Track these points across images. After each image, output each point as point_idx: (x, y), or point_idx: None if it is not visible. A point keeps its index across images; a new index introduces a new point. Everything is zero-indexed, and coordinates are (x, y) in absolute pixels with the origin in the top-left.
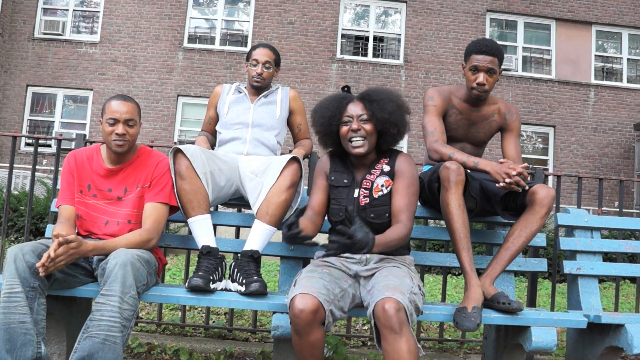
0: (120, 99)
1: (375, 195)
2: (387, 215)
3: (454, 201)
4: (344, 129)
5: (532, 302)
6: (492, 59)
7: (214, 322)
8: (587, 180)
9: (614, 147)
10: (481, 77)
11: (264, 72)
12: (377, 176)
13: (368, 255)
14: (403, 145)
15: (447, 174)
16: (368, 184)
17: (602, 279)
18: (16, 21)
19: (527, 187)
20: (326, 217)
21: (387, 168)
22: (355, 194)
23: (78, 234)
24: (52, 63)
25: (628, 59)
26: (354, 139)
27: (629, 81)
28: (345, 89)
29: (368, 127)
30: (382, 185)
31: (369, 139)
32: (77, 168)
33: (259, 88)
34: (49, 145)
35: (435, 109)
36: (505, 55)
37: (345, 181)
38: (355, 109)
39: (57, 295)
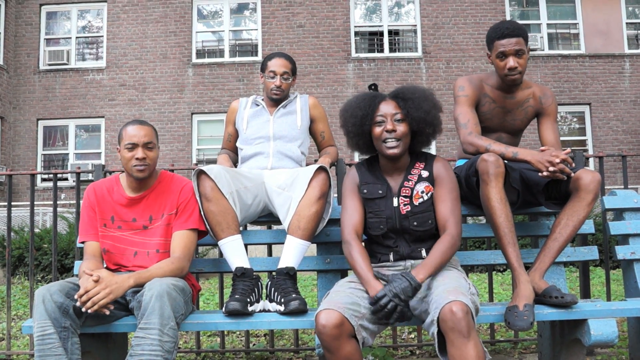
0: (136, 123)
1: (416, 203)
2: (429, 222)
3: (495, 195)
4: (377, 129)
5: (586, 294)
6: (518, 40)
7: (254, 344)
8: (632, 158)
9: None
10: (511, 62)
11: (283, 83)
12: (415, 182)
13: (413, 262)
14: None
15: (486, 167)
16: (407, 191)
17: None
18: (20, 55)
19: (572, 174)
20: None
21: (425, 173)
22: (395, 203)
23: (107, 268)
24: (61, 94)
25: None
26: (389, 140)
27: None
28: (373, 87)
29: (403, 127)
30: (423, 192)
31: (404, 139)
32: (97, 201)
33: (278, 100)
34: (66, 179)
35: (466, 99)
36: (529, 34)
37: (380, 192)
38: (388, 108)
39: (93, 332)
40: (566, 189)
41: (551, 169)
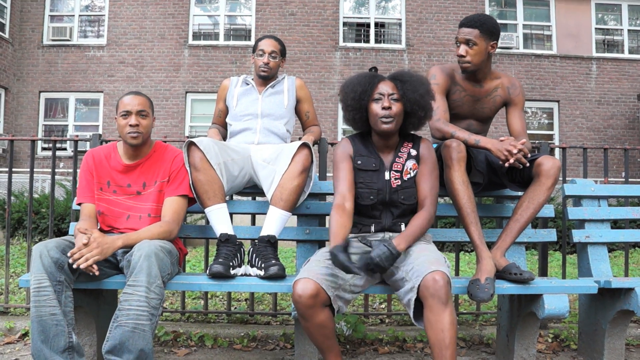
0: (132, 93)
1: (405, 178)
2: (414, 197)
3: (458, 178)
4: (375, 106)
5: (543, 273)
6: (471, 31)
7: (235, 308)
8: (593, 152)
9: (618, 119)
10: (460, 49)
11: (271, 61)
12: (406, 159)
13: (391, 234)
14: None
15: (449, 152)
16: (399, 166)
17: (612, 248)
18: (25, 30)
19: (527, 164)
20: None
21: (413, 152)
22: (387, 177)
23: (101, 229)
24: (62, 68)
25: (629, 30)
26: (385, 117)
27: (630, 52)
28: (373, 69)
29: (397, 106)
30: (411, 169)
31: (397, 118)
32: (95, 166)
33: (266, 78)
34: (65, 149)
35: (438, 87)
36: (505, 33)
37: (374, 165)
38: (386, 87)
39: (85, 288)
40: (529, 174)
41: (510, 158)
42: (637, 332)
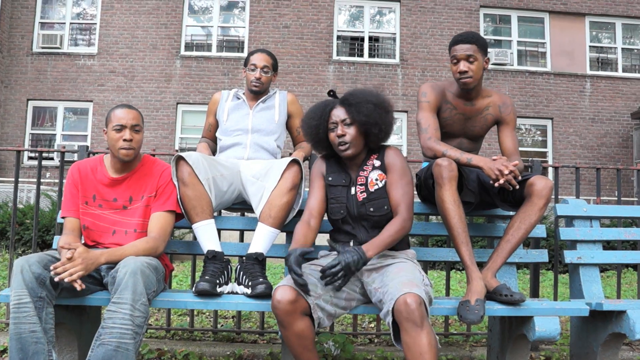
0: (124, 107)
1: (372, 189)
2: (385, 207)
3: (449, 197)
4: (332, 135)
5: (535, 293)
6: (469, 47)
7: (222, 325)
8: (586, 171)
9: (612, 137)
10: (461, 65)
11: (263, 76)
12: (369, 171)
13: None
14: (402, 143)
15: (440, 171)
16: (363, 179)
17: (605, 268)
18: (14, 36)
19: (517, 187)
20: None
21: (377, 163)
22: (352, 192)
23: (85, 244)
24: (52, 76)
25: (622, 49)
26: (341, 144)
27: (624, 70)
28: (331, 93)
29: (352, 130)
30: (377, 179)
31: (354, 142)
32: (81, 179)
33: (258, 93)
34: (52, 158)
35: (428, 105)
36: (500, 49)
37: (344, 181)
38: (338, 113)
39: (67, 304)
40: (521, 194)
41: (500, 179)
42: (629, 355)
